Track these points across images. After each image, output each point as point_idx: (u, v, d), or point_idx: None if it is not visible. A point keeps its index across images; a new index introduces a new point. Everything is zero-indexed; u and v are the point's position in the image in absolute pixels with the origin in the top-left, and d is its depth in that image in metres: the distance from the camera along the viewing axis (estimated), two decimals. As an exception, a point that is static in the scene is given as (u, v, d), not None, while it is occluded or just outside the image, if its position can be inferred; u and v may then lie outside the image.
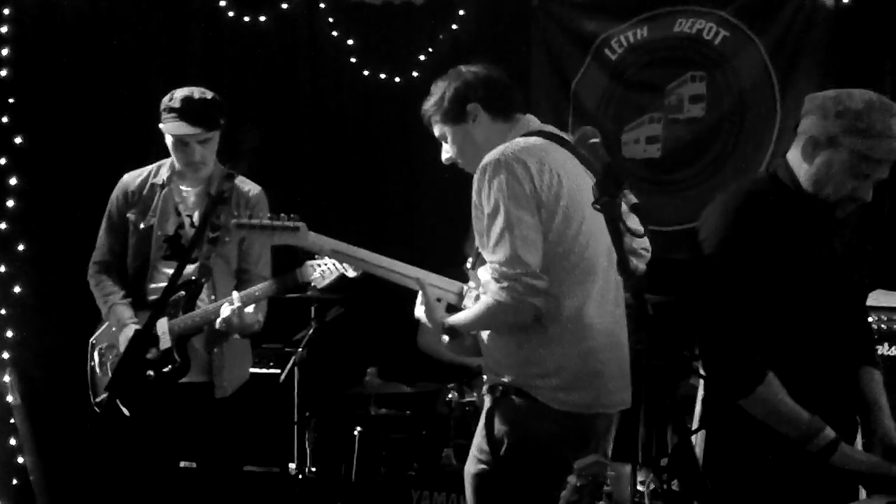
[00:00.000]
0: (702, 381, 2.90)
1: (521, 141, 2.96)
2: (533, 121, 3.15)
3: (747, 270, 2.63)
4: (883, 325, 4.31)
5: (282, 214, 3.23)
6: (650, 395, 4.23)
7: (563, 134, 3.10)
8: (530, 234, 2.80)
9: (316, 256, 3.65)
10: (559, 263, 2.86)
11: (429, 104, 3.16)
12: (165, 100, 3.82)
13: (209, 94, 3.83)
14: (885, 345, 4.31)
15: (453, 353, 3.07)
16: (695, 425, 2.99)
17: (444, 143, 3.19)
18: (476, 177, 2.92)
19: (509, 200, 2.80)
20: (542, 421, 2.86)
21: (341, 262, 3.57)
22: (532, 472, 2.89)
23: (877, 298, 4.40)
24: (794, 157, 2.75)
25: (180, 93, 3.80)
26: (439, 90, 3.13)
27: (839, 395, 2.76)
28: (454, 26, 6.56)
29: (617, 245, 2.20)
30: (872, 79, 5.08)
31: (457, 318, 2.97)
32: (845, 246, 2.80)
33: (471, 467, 3.02)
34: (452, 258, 3.38)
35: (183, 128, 3.75)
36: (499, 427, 2.91)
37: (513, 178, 2.82)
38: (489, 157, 2.88)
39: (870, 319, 4.19)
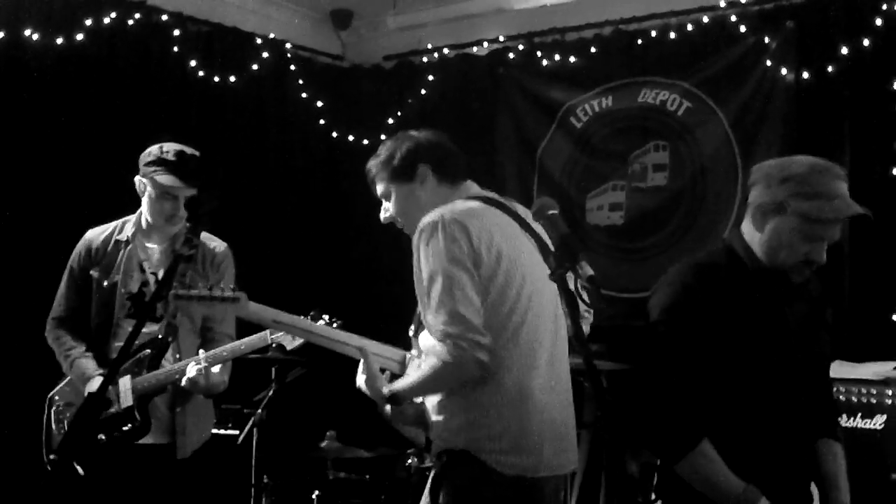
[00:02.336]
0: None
1: (459, 203, 2.98)
2: (473, 186, 3.17)
3: (686, 340, 2.67)
4: (841, 397, 4.32)
5: (221, 285, 3.17)
6: (610, 463, 4.21)
7: (502, 199, 3.12)
8: (469, 294, 2.79)
9: None
10: (501, 325, 2.85)
11: (376, 161, 3.16)
12: (154, 151, 3.80)
13: (196, 152, 3.85)
14: (844, 416, 4.32)
15: (396, 424, 3.04)
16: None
17: (384, 202, 3.19)
18: (414, 239, 2.92)
19: (448, 261, 2.80)
20: (489, 486, 2.82)
21: (282, 332, 3.52)
22: None
23: (835, 370, 4.42)
24: (747, 227, 2.79)
25: (172, 146, 3.80)
26: (389, 149, 3.15)
27: (795, 465, 2.76)
28: (422, 91, 6.64)
29: (573, 316, 2.21)
30: (831, 151, 5.16)
31: (400, 385, 2.94)
32: (802, 316, 2.83)
33: None
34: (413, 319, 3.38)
35: (176, 181, 3.74)
36: (445, 494, 2.88)
37: (450, 240, 2.82)
38: (427, 219, 2.89)
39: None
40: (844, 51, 5.22)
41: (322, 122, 6.78)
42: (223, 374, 3.77)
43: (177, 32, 5.99)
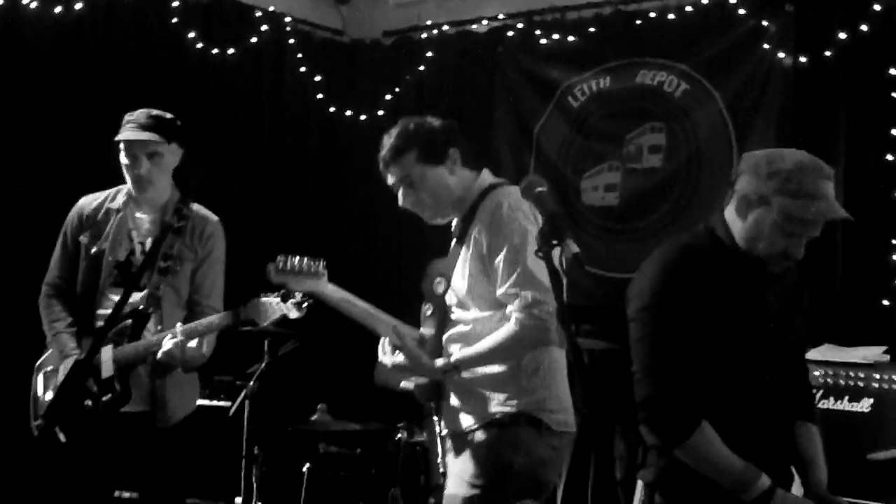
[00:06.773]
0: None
1: (510, 189, 3.11)
2: (489, 174, 3.28)
3: (678, 321, 2.69)
4: (829, 380, 4.35)
5: (314, 261, 3.39)
6: (599, 441, 4.24)
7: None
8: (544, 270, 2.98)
9: (262, 295, 3.65)
10: None
11: (398, 140, 3.15)
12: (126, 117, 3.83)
13: (168, 115, 3.83)
14: (832, 398, 4.35)
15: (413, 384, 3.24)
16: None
17: (403, 188, 3.19)
18: (487, 215, 3.05)
19: (531, 238, 2.94)
20: (546, 443, 3.05)
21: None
22: (524, 494, 3.05)
23: (824, 353, 4.46)
24: (729, 213, 2.80)
25: (141, 109, 3.81)
26: (411, 131, 3.15)
27: (773, 447, 2.79)
28: (421, 67, 6.64)
29: (558, 293, 2.24)
30: (827, 136, 5.19)
31: (465, 353, 3.08)
32: (779, 301, 2.85)
33: (460, 491, 3.07)
34: (410, 295, 3.40)
35: (135, 133, 3.72)
36: (505, 454, 3.02)
37: (529, 221, 3.01)
38: (503, 199, 3.05)
39: (816, 373, 4.27)
40: (842, 36, 5.21)
41: (320, 96, 6.77)
42: (201, 348, 3.76)
43: (175, 4, 5.96)
